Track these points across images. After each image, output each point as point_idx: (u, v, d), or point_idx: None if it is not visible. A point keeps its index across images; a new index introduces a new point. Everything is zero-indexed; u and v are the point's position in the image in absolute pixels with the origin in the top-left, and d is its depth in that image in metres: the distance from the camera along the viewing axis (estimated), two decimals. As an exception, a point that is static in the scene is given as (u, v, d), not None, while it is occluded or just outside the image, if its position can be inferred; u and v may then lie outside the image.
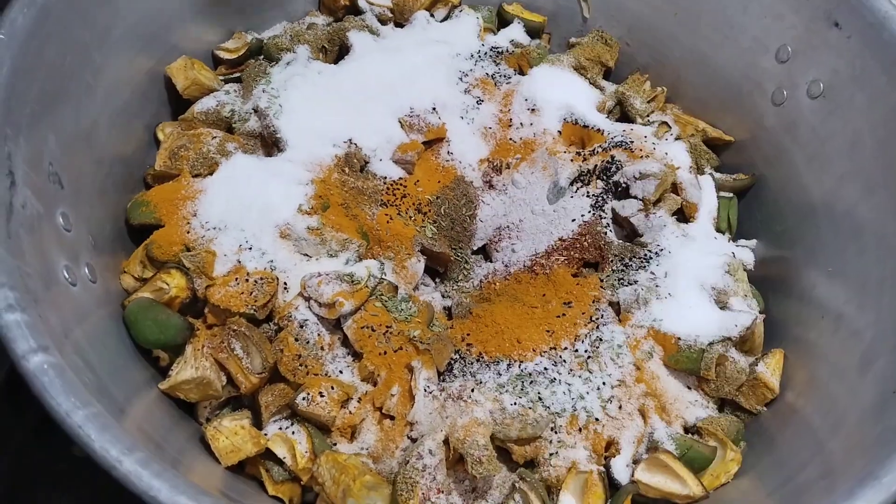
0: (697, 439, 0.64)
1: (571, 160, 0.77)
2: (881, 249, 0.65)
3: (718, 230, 0.78)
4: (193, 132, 0.73)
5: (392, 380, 0.62)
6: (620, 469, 0.62)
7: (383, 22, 0.88)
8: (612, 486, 0.61)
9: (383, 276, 0.67)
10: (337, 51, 0.86)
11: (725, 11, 0.81)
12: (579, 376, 0.64)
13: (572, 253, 0.74)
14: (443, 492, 0.57)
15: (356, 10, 0.88)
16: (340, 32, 0.84)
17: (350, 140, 0.75)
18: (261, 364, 0.61)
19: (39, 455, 0.73)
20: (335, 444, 0.61)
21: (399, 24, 0.89)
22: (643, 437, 0.63)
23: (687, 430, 0.66)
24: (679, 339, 0.66)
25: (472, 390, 0.62)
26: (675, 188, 0.78)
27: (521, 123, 0.80)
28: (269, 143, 0.75)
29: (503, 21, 0.91)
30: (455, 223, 0.76)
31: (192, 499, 0.43)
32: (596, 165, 0.77)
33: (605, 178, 0.77)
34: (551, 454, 0.61)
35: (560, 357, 0.65)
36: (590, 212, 0.75)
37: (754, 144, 0.82)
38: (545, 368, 0.64)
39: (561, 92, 0.82)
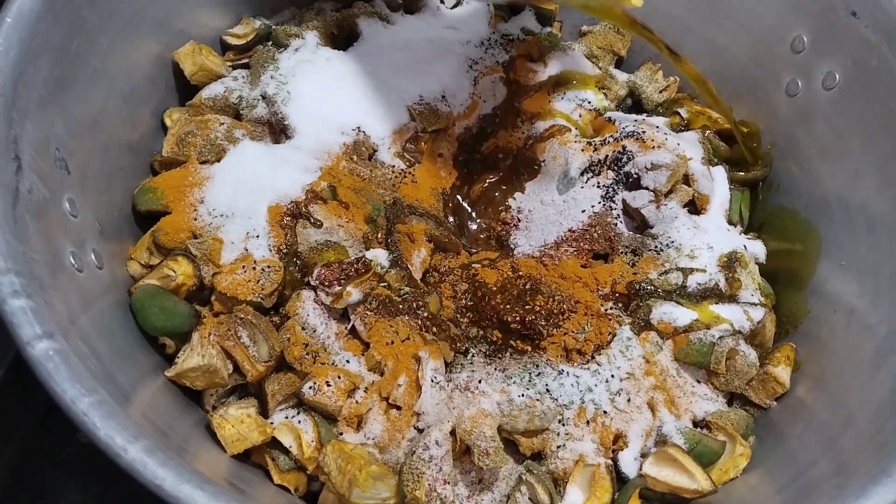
0: (706, 433, 0.63)
1: (582, 150, 0.77)
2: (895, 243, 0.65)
3: (730, 222, 0.78)
4: (201, 118, 0.72)
5: (399, 370, 0.62)
6: (628, 462, 0.61)
7: (393, 9, 0.87)
8: (619, 479, 0.60)
9: (391, 266, 0.66)
10: (346, 37, 0.85)
11: (741, -1, 0.80)
12: (588, 368, 0.64)
13: (582, 244, 0.73)
14: (449, 483, 0.57)
15: (366, -3, 0.87)
16: (349, 19, 0.83)
17: (358, 128, 0.74)
18: (267, 352, 0.61)
19: (46, 441, 0.73)
20: (341, 434, 0.61)
21: (409, 11, 0.88)
22: (652, 430, 0.63)
23: (696, 423, 0.65)
24: (689, 332, 0.66)
25: (480, 381, 0.61)
26: (687, 179, 0.77)
27: (531, 112, 0.80)
28: (277, 130, 0.74)
29: (514, 8, 0.90)
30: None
31: (198, 487, 0.43)
32: (607, 155, 0.76)
33: (616, 168, 0.76)
34: (559, 446, 0.60)
35: (568, 349, 0.65)
36: (600, 202, 0.74)
37: (768, 136, 0.81)
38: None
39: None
